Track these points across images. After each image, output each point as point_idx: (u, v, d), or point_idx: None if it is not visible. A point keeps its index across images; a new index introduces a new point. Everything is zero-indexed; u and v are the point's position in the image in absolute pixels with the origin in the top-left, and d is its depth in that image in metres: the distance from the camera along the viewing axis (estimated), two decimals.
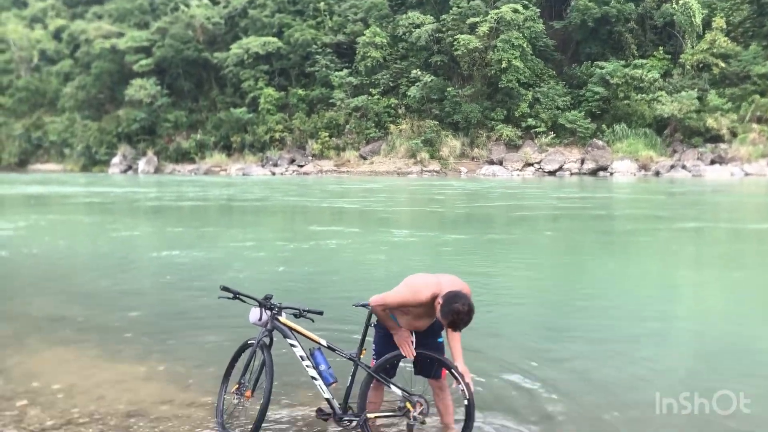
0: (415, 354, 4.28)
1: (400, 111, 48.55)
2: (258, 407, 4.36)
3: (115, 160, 56.72)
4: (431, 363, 4.38)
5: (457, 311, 3.92)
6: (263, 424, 4.38)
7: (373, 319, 4.46)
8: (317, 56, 52.04)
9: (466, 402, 4.22)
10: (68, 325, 7.59)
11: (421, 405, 4.30)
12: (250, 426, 4.37)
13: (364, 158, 48.22)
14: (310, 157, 49.85)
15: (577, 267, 11.70)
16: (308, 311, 4.56)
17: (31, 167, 62.12)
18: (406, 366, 4.50)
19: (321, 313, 4.58)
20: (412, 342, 4.32)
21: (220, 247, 14.28)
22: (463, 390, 4.21)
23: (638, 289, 9.57)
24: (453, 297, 3.96)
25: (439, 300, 4.00)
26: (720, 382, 5.48)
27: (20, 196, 31.03)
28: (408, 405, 4.29)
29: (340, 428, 4.44)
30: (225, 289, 4.51)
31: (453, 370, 4.25)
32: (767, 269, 11.40)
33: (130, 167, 55.93)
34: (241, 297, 4.56)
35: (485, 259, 12.22)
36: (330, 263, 11.92)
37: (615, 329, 7.17)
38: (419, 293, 4.12)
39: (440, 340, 4.49)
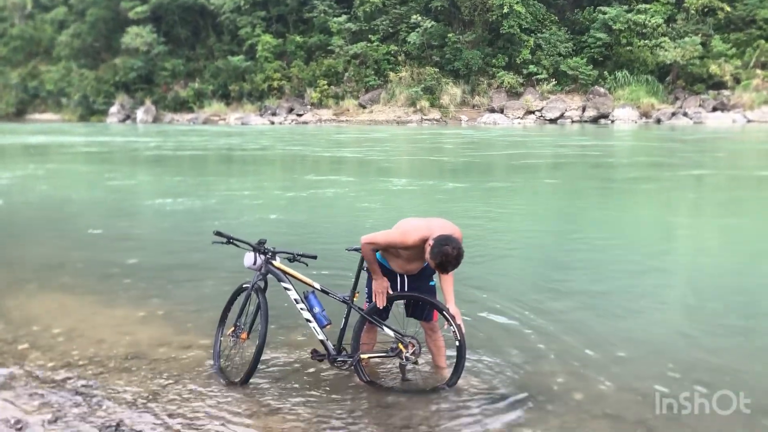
0: (384, 304, 4.33)
1: (399, 58, 47.83)
2: (253, 349, 4.45)
3: (113, 109, 56.21)
4: (423, 305, 4.44)
5: (446, 253, 3.95)
6: (259, 365, 4.47)
7: (365, 262, 4.51)
8: (315, 1, 51.04)
9: (457, 343, 4.29)
10: (67, 271, 7.67)
11: (413, 346, 4.38)
12: (246, 367, 4.45)
13: (364, 107, 47.77)
14: (308, 106, 49.39)
15: (576, 214, 11.73)
16: (302, 255, 4.60)
17: (29, 117, 61.62)
18: (398, 308, 4.56)
19: (315, 258, 4.63)
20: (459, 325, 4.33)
21: (218, 195, 14.29)
22: (454, 331, 4.28)
23: (637, 238, 9.61)
24: (444, 240, 3.99)
25: (430, 242, 4.03)
26: (707, 325, 5.59)
27: (18, 146, 30.91)
28: (400, 346, 4.37)
29: (334, 368, 4.54)
30: (218, 233, 4.55)
31: (445, 312, 4.31)
32: (766, 216, 11.42)
33: (128, 116, 55.48)
34: (234, 241, 4.60)
35: (484, 207, 12.24)
36: (326, 211, 11.97)
37: (612, 278, 7.22)
38: (408, 236, 4.15)
39: (432, 283, 4.55)
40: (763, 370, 4.69)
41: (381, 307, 4.35)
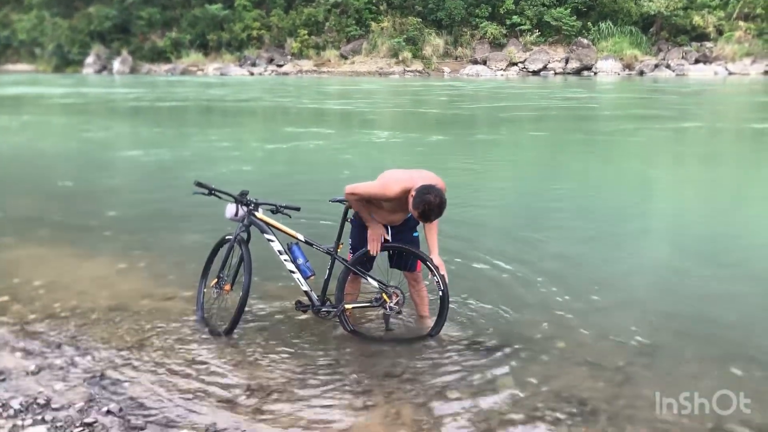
0: (378, 251, 4.33)
1: (381, 7, 46.94)
2: (237, 300, 4.44)
3: (89, 60, 54.84)
4: (407, 256, 4.45)
5: (428, 202, 3.93)
6: (243, 316, 4.48)
7: (350, 214, 4.49)
8: None
9: (440, 293, 4.32)
10: (45, 224, 7.57)
11: (397, 296, 4.41)
12: (231, 318, 4.46)
13: (345, 58, 47.06)
14: (289, 57, 48.56)
15: (559, 167, 11.76)
16: (285, 207, 4.57)
17: (2, 68, 60.05)
18: (382, 260, 4.56)
19: (298, 209, 4.60)
20: (387, 240, 4.36)
21: (197, 147, 14.12)
22: (437, 282, 4.30)
23: (618, 190, 9.67)
24: (425, 189, 3.97)
25: (412, 192, 4.01)
26: (684, 274, 5.68)
27: None
28: (384, 296, 4.39)
29: (318, 319, 4.56)
30: (199, 184, 4.48)
31: (428, 263, 4.32)
32: (745, 167, 11.52)
33: (104, 67, 54.20)
34: (215, 192, 4.54)
35: (467, 160, 12.22)
36: (308, 163, 11.89)
37: (593, 229, 7.27)
38: (389, 188, 4.12)
39: (415, 234, 4.54)
40: (738, 318, 4.78)
41: (375, 255, 4.34)
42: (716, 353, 4.17)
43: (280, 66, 48.11)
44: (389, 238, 4.41)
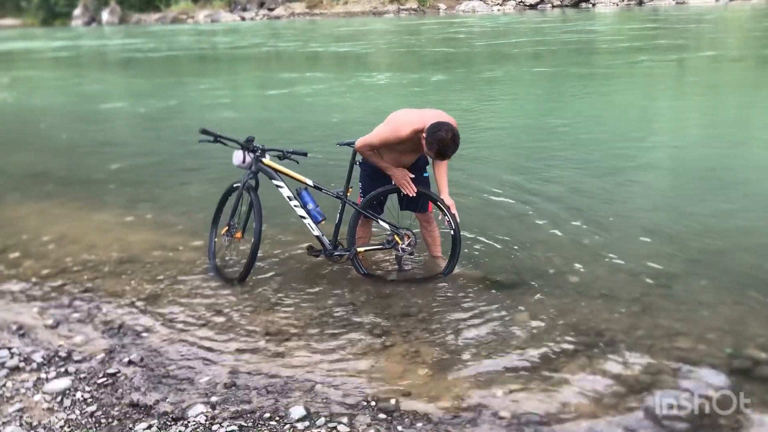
0: (416, 191, 4.28)
1: None
2: (249, 248, 4.43)
3: (77, 12, 53.78)
4: (417, 197, 4.41)
5: (441, 139, 3.87)
6: (255, 263, 4.47)
7: (358, 157, 4.43)
8: None
9: (452, 233, 4.30)
10: (50, 179, 7.53)
11: (409, 237, 4.39)
12: (243, 266, 4.45)
13: None
14: (280, 0, 47.53)
15: (561, 101, 11.63)
16: (292, 153, 4.51)
17: None
18: (392, 202, 4.53)
19: (305, 154, 4.54)
20: (454, 215, 4.28)
21: (194, 96, 13.95)
22: (449, 221, 4.28)
23: (621, 120, 9.59)
24: (435, 126, 3.90)
25: (424, 134, 3.95)
26: (694, 204, 5.65)
27: None
28: (396, 238, 4.38)
29: (331, 263, 4.56)
30: (204, 132, 4.41)
31: (439, 203, 4.29)
32: (748, 95, 11.39)
33: (93, 19, 53.19)
34: (221, 140, 4.46)
35: (468, 97, 12.08)
36: (310, 108, 11.75)
37: (598, 162, 7.20)
38: (399, 130, 4.05)
39: (426, 174, 4.49)
40: (748, 245, 4.75)
41: (413, 195, 4.29)
42: (730, 280, 4.17)
43: (271, 10, 47.17)
44: (456, 213, 4.32)
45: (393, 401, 3.01)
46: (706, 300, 3.92)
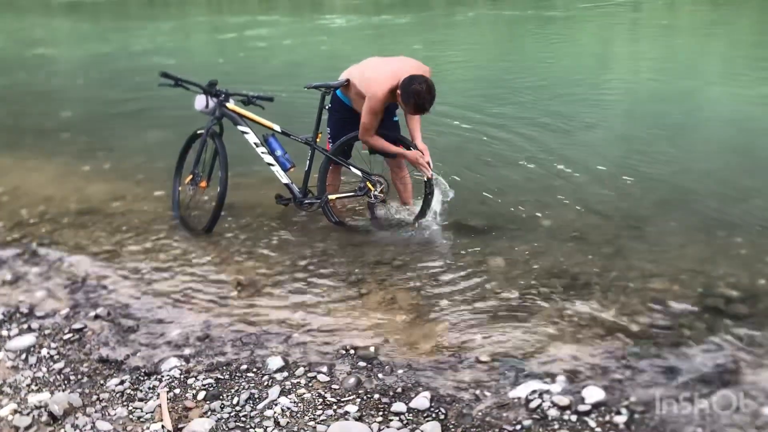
0: (432, 175, 4.13)
1: None
2: (215, 197, 4.29)
3: None
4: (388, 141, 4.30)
5: (417, 92, 3.74)
6: (222, 213, 4.33)
7: (327, 101, 4.28)
8: None
9: (425, 179, 4.22)
10: None
11: (381, 184, 4.30)
12: (209, 215, 4.32)
13: None
14: None
15: (519, 45, 11.52)
16: (257, 97, 4.33)
17: None
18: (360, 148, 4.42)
19: (271, 99, 4.36)
20: (428, 162, 4.15)
21: (145, 41, 13.41)
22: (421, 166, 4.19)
23: (578, 63, 9.53)
24: (408, 81, 3.77)
25: (398, 92, 3.83)
26: (657, 146, 5.68)
27: None
28: (368, 185, 4.28)
29: (301, 212, 4.44)
30: (165, 75, 4.19)
31: (412, 147, 4.19)
32: (699, 38, 11.45)
33: None
34: (182, 83, 4.26)
35: (425, 41, 11.88)
36: (266, 54, 11.39)
37: (559, 105, 7.13)
38: (377, 96, 3.86)
39: (395, 119, 4.38)
40: (711, 186, 4.78)
41: (431, 177, 4.15)
42: (698, 221, 4.20)
43: None
44: (430, 160, 4.19)
45: (372, 349, 2.97)
46: (676, 241, 3.95)
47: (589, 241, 3.98)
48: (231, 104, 4.33)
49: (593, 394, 2.53)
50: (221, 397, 2.69)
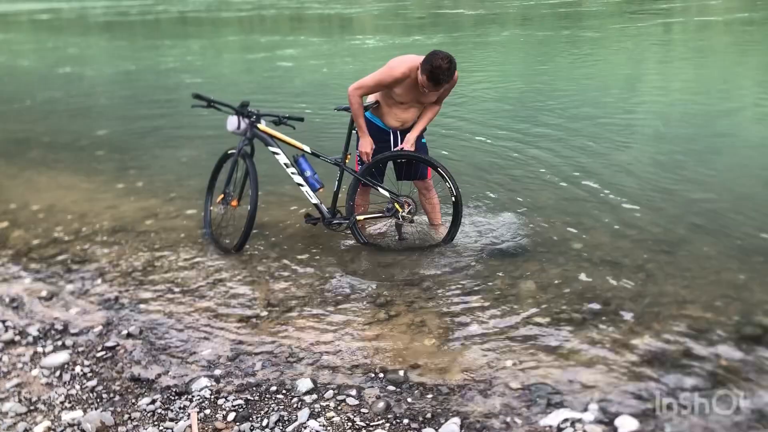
0: (369, 159, 4.19)
1: None
2: (245, 216, 4.33)
3: None
4: (416, 164, 4.31)
5: (435, 63, 3.72)
6: (252, 232, 4.37)
7: None
8: None
9: (453, 199, 4.22)
10: (35, 146, 7.35)
11: (409, 204, 4.30)
12: (240, 234, 4.36)
13: None
14: None
15: (550, 66, 11.48)
16: (288, 118, 4.38)
17: None
18: (390, 170, 4.44)
19: (302, 120, 4.42)
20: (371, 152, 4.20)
21: (178, 60, 13.64)
22: (450, 187, 4.20)
23: (609, 84, 9.48)
24: (432, 54, 3.78)
25: (420, 66, 3.82)
26: (689, 168, 5.59)
27: None
28: (396, 205, 4.29)
29: (329, 232, 4.46)
30: (197, 96, 4.27)
31: (439, 169, 4.20)
32: (734, 58, 11.31)
33: None
34: (215, 104, 4.33)
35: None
36: (300, 73, 11.52)
37: (588, 124, 7.11)
38: (394, 69, 3.90)
39: (423, 140, 4.39)
40: (746, 209, 4.68)
41: (369, 162, 4.20)
42: (732, 245, 4.12)
43: None
44: (393, 147, 4.24)
45: (401, 372, 2.95)
46: (710, 266, 3.88)
47: (621, 265, 3.93)
48: (262, 125, 4.39)
49: (627, 423, 2.49)
50: (251, 418, 2.70)
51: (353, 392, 2.82)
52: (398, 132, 4.27)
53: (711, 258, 3.99)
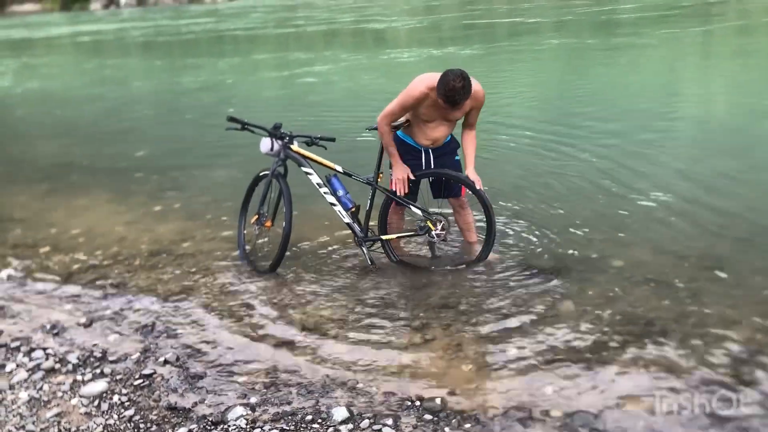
0: (405, 191, 4.13)
1: None
2: (280, 236, 4.33)
3: None
4: (450, 183, 4.26)
5: (448, 83, 3.66)
6: (286, 252, 4.36)
7: None
8: None
9: (486, 215, 4.14)
10: (75, 169, 7.50)
11: (442, 222, 4.25)
12: (274, 255, 4.36)
13: None
14: None
15: (584, 75, 11.32)
16: (320, 138, 4.38)
17: (9, 10, 59.18)
18: (424, 187, 4.40)
19: (333, 140, 4.40)
20: (412, 177, 4.15)
21: (215, 79, 13.84)
22: (483, 198, 4.12)
23: (645, 94, 9.28)
24: (443, 76, 3.72)
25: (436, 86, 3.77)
26: (732, 180, 5.42)
27: (4, 41, 29.80)
28: (429, 224, 4.24)
29: (362, 249, 4.43)
30: (232, 119, 4.30)
31: (471, 186, 4.14)
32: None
33: (111, 2, 53.22)
34: (249, 127, 4.36)
35: (488, 73, 11.81)
36: (332, 90, 11.58)
37: (624, 135, 6.97)
38: (413, 89, 3.85)
39: (457, 158, 4.34)
40: None
41: (403, 195, 4.15)
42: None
43: None
44: (425, 166, 4.20)
45: (438, 400, 2.90)
46: (757, 283, 3.74)
47: (663, 283, 3.81)
48: (295, 146, 4.39)
49: None
50: None
51: (389, 421, 2.77)
52: (430, 150, 4.23)
53: (758, 274, 3.85)
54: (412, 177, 4.16)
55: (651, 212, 4.87)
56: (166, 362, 3.43)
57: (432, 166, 4.23)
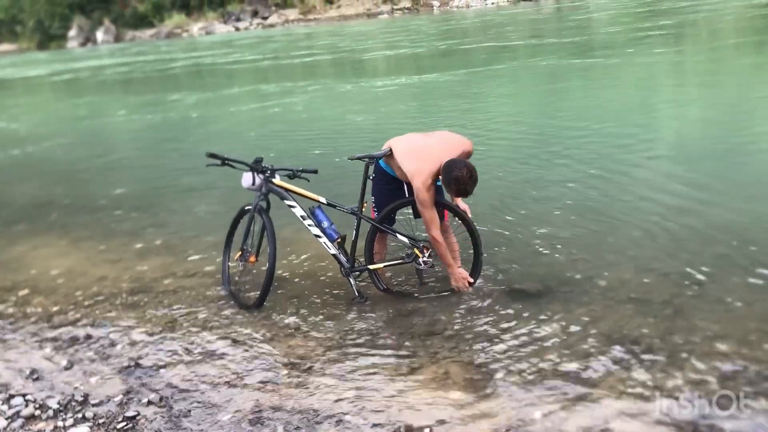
0: (469, 290, 4.17)
1: None
2: (264, 271, 4.30)
3: (72, 33, 53.90)
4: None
5: (457, 179, 3.76)
6: (271, 286, 4.33)
7: (371, 171, 4.29)
8: None
9: (472, 240, 4.16)
10: (55, 208, 7.43)
11: (428, 249, 4.24)
12: (260, 290, 4.32)
13: (330, 2, 45.96)
14: (273, 8, 47.44)
15: (562, 97, 11.44)
16: (302, 171, 4.38)
17: None
18: (408, 214, 4.41)
19: (316, 172, 4.41)
20: (471, 282, 4.19)
21: (193, 113, 13.83)
22: (467, 224, 4.14)
23: (623, 114, 9.36)
24: (448, 167, 3.80)
25: (441, 176, 3.85)
26: (711, 196, 5.46)
27: None
28: (415, 251, 4.24)
29: (349, 281, 4.41)
30: (212, 155, 4.28)
31: (455, 210, 4.16)
32: (744, 81, 11.19)
33: (88, 39, 53.29)
34: (230, 162, 4.34)
35: (467, 97, 11.91)
36: (312, 121, 11.58)
37: (603, 157, 7.00)
38: (425, 182, 3.89)
39: (439, 183, 4.35)
40: (764, 222, 4.61)
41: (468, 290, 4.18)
42: (762, 274, 4.00)
43: (265, 18, 47.17)
44: (408, 194, 4.21)
45: (427, 430, 2.86)
46: (740, 297, 3.76)
47: (647, 301, 3.82)
48: (277, 179, 4.38)
49: None
50: None
51: None
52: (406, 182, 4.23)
53: (740, 289, 3.87)
54: (470, 280, 4.17)
55: (632, 231, 4.89)
56: (149, 403, 3.37)
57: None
